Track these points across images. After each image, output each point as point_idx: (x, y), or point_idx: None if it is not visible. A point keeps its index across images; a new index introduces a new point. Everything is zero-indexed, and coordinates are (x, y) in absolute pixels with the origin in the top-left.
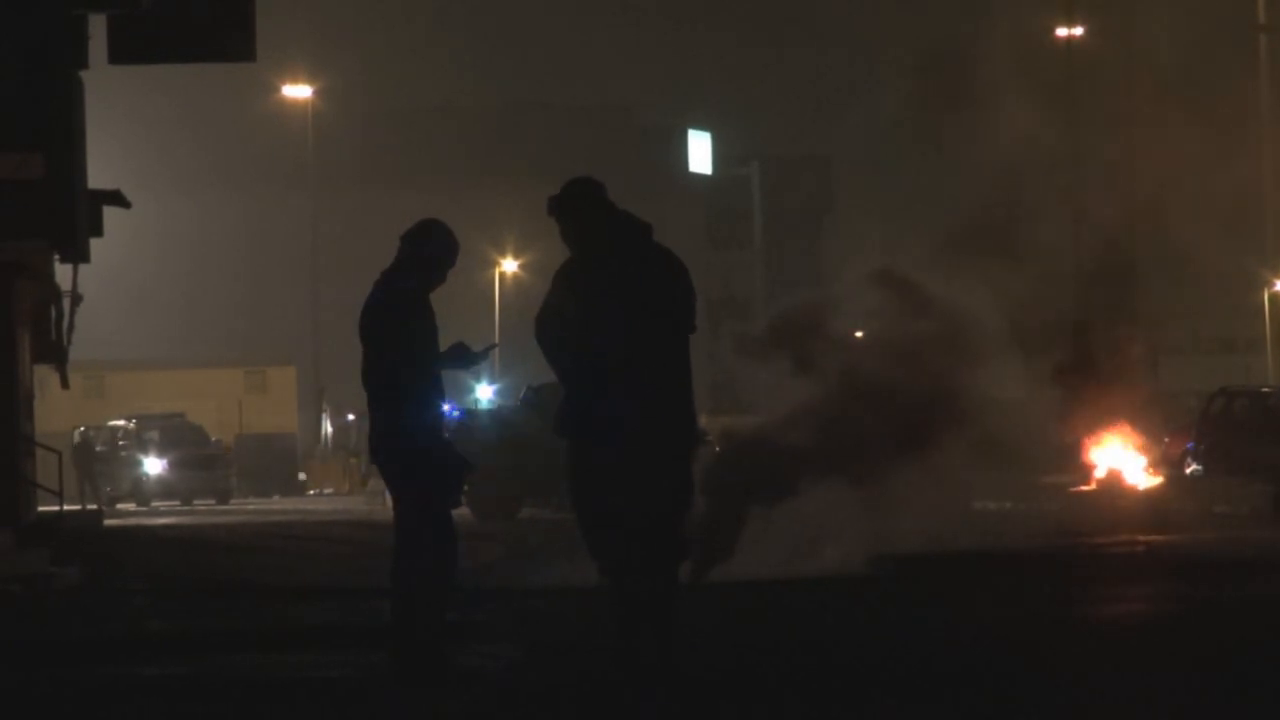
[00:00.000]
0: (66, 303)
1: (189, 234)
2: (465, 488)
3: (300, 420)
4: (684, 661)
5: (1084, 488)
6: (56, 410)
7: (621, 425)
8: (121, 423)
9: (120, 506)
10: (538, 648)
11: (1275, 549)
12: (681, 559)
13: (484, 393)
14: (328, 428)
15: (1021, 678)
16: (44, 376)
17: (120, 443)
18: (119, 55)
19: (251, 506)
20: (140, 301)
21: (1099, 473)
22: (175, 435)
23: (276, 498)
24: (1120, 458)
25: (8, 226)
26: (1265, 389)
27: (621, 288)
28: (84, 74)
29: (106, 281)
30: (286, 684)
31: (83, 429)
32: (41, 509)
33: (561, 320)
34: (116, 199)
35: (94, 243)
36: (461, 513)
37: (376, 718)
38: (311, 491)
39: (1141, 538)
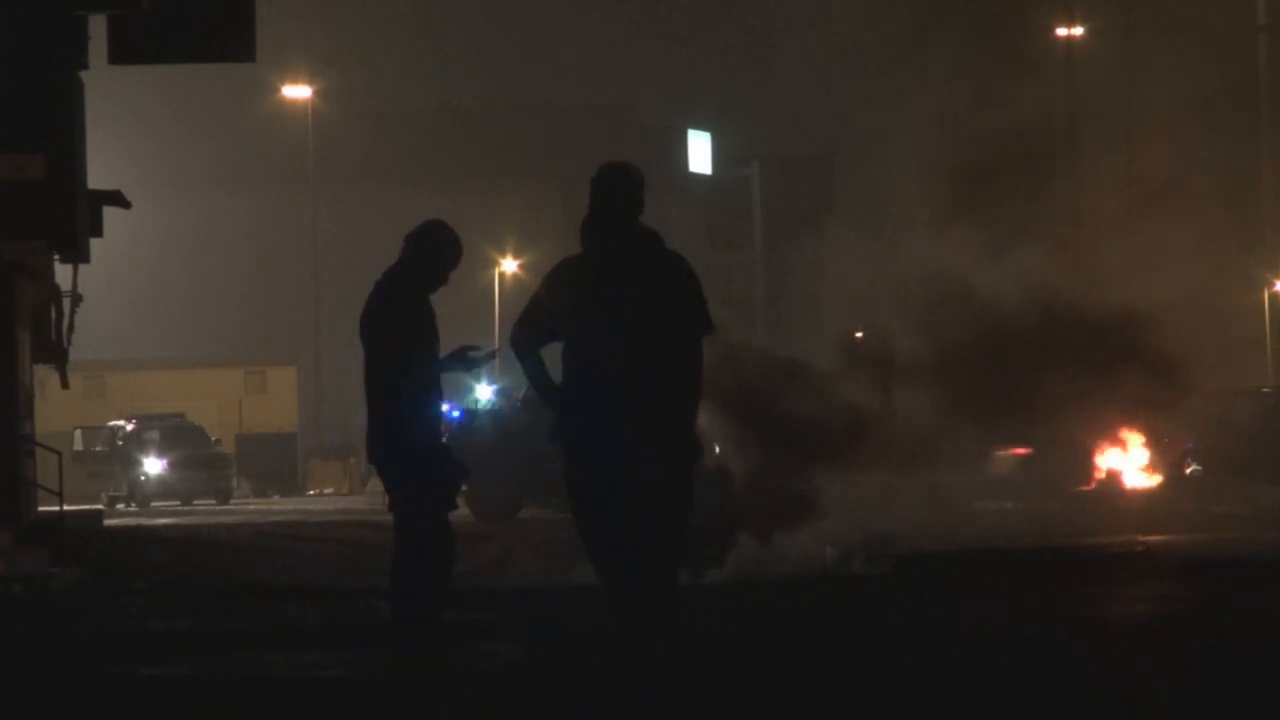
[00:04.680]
0: (66, 303)
1: (189, 234)
2: (463, 488)
3: (300, 420)
4: (684, 662)
5: (1084, 488)
6: (56, 410)
7: (620, 430)
8: (121, 423)
9: (120, 506)
10: (538, 648)
11: (1275, 549)
12: (683, 562)
13: (484, 393)
14: None
15: (1023, 677)
16: (44, 376)
17: (120, 443)
18: (119, 55)
19: (251, 506)
20: (140, 301)
21: (1099, 473)
22: (175, 435)
23: (276, 498)
24: (1120, 458)
25: (8, 226)
26: (1265, 389)
27: (631, 289)
28: (84, 74)
29: (106, 281)
30: (286, 684)
31: (125, 427)
32: (42, 509)
33: (551, 322)
34: (116, 199)
35: (94, 243)
36: (461, 513)
37: (376, 718)
38: (311, 491)
39: (1141, 538)
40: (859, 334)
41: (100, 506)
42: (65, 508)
